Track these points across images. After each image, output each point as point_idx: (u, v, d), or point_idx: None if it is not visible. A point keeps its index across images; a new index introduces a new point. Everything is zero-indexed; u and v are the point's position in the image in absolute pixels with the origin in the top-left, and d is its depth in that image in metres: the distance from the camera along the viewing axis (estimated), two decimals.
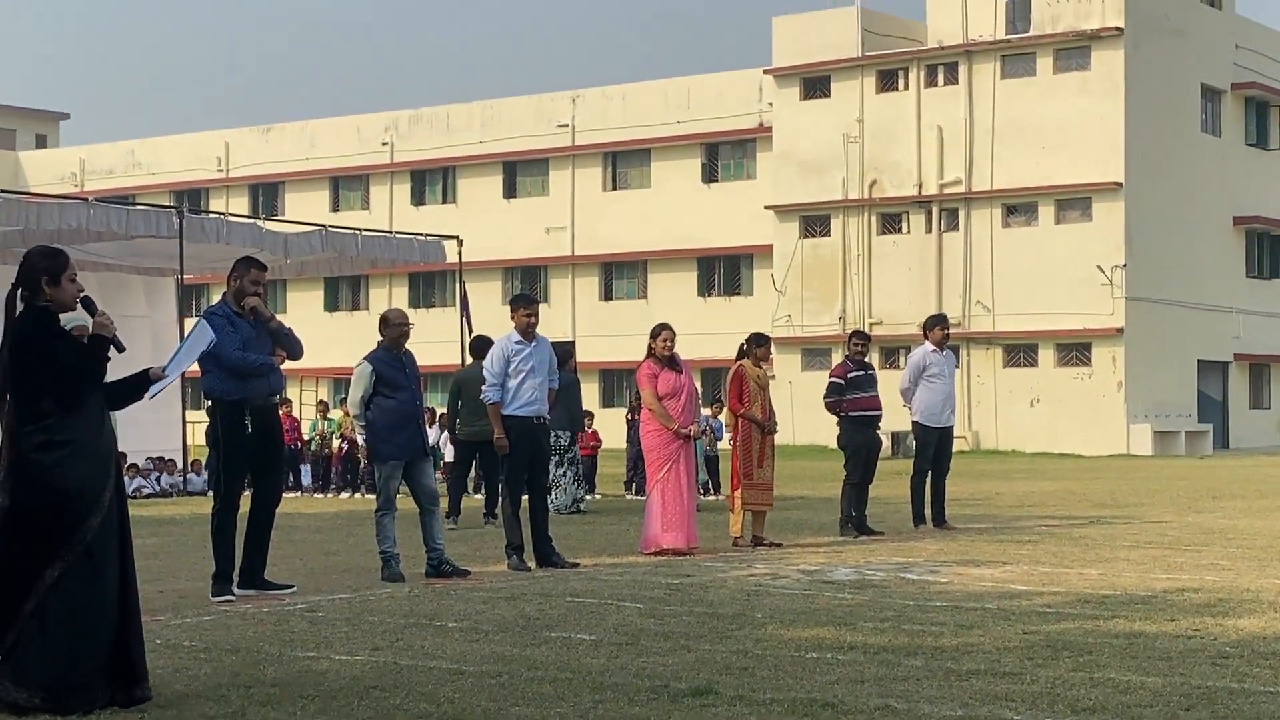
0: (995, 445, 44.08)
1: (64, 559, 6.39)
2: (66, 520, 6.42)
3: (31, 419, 6.47)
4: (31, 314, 6.59)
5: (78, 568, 6.41)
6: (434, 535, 11.57)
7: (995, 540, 14.38)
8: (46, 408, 6.49)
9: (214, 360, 10.39)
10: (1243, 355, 48.14)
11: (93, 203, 22.81)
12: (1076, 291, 43.38)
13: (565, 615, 9.30)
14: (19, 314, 6.61)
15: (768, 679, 7.09)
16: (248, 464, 10.59)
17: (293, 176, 58.28)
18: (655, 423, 13.43)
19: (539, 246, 53.49)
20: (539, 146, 53.61)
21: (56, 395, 6.50)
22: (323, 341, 42.09)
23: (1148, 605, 9.47)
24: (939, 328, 16.08)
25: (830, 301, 47.30)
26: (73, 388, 6.52)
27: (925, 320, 16.48)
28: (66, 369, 6.51)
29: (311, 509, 20.22)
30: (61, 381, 6.50)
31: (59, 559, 6.39)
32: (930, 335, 16.04)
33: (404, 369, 11.67)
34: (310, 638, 8.48)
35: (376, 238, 26.77)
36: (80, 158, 63.68)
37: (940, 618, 9.00)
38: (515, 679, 7.12)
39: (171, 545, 14.75)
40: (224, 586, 10.37)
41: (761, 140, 49.78)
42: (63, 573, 6.38)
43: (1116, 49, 43.37)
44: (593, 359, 45.17)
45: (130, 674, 6.52)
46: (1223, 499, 21.13)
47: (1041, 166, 44.11)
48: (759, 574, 11.54)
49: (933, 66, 46.30)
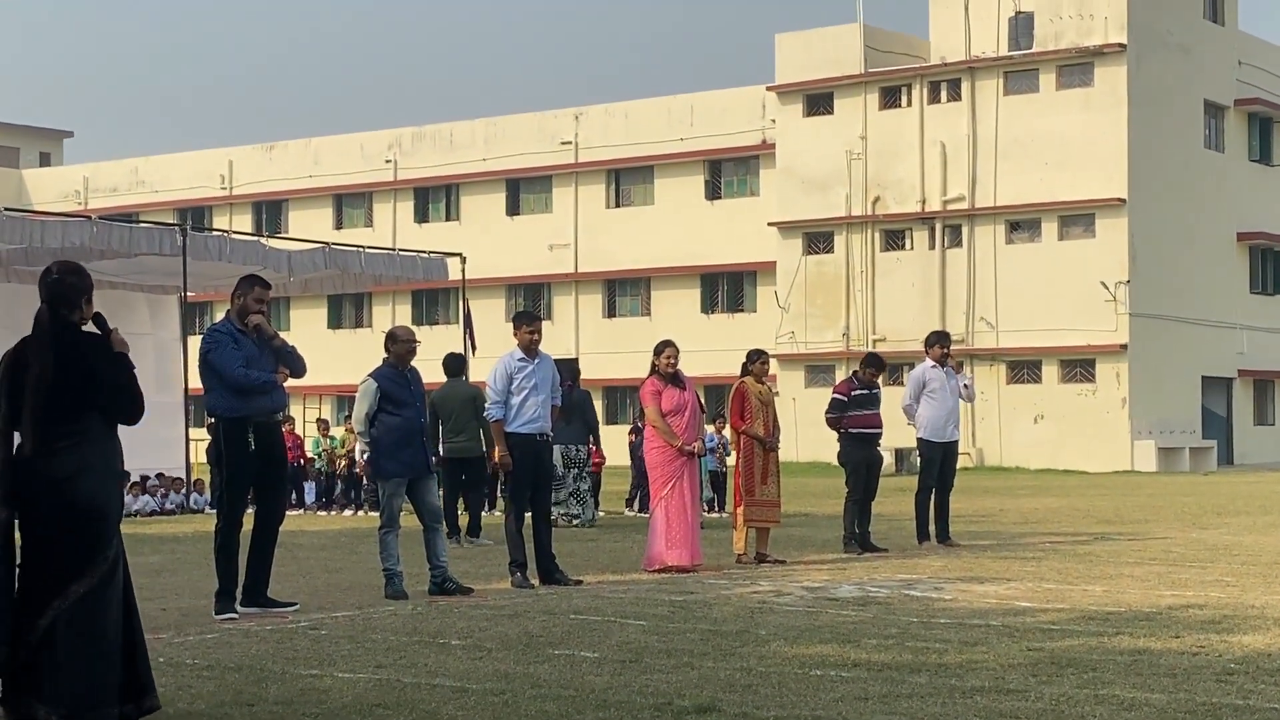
0: (999, 462, 44.05)
1: (90, 576, 6.41)
2: (89, 539, 6.42)
3: (67, 436, 6.44)
4: (78, 332, 6.55)
5: (99, 587, 6.42)
6: (437, 553, 11.56)
7: (999, 557, 14.36)
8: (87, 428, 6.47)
9: (217, 378, 10.41)
10: (1247, 371, 48.11)
11: (96, 220, 22.84)
12: (1080, 308, 43.37)
13: (568, 633, 9.29)
14: (62, 329, 6.52)
15: (771, 696, 7.07)
16: (250, 481, 10.59)
17: (296, 194, 58.36)
18: (659, 440, 13.42)
19: (542, 264, 53.52)
20: (542, 164, 53.68)
21: (122, 414, 6.54)
22: (326, 359, 42.11)
23: (1152, 622, 9.45)
24: (938, 345, 16.13)
25: (834, 318, 47.30)
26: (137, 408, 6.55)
27: (927, 337, 16.55)
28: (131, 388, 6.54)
29: (315, 526, 20.20)
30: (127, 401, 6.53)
31: (85, 577, 6.41)
32: (930, 352, 16.09)
33: (409, 386, 11.68)
34: (313, 655, 8.47)
35: (380, 255, 26.80)
36: (84, 175, 63.80)
37: (944, 635, 8.98)
38: (518, 697, 7.10)
39: (174, 563, 14.74)
40: (227, 604, 10.36)
41: (765, 157, 49.83)
42: (86, 591, 6.39)
43: (1119, 65, 43.42)
44: (596, 376, 45.16)
45: (138, 684, 6.55)
46: (1227, 515, 21.09)
47: (1045, 183, 44.13)
48: (763, 591, 11.52)
49: (936, 83, 46.36)
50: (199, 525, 19.30)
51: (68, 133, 77.91)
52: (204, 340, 10.61)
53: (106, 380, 6.49)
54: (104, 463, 6.51)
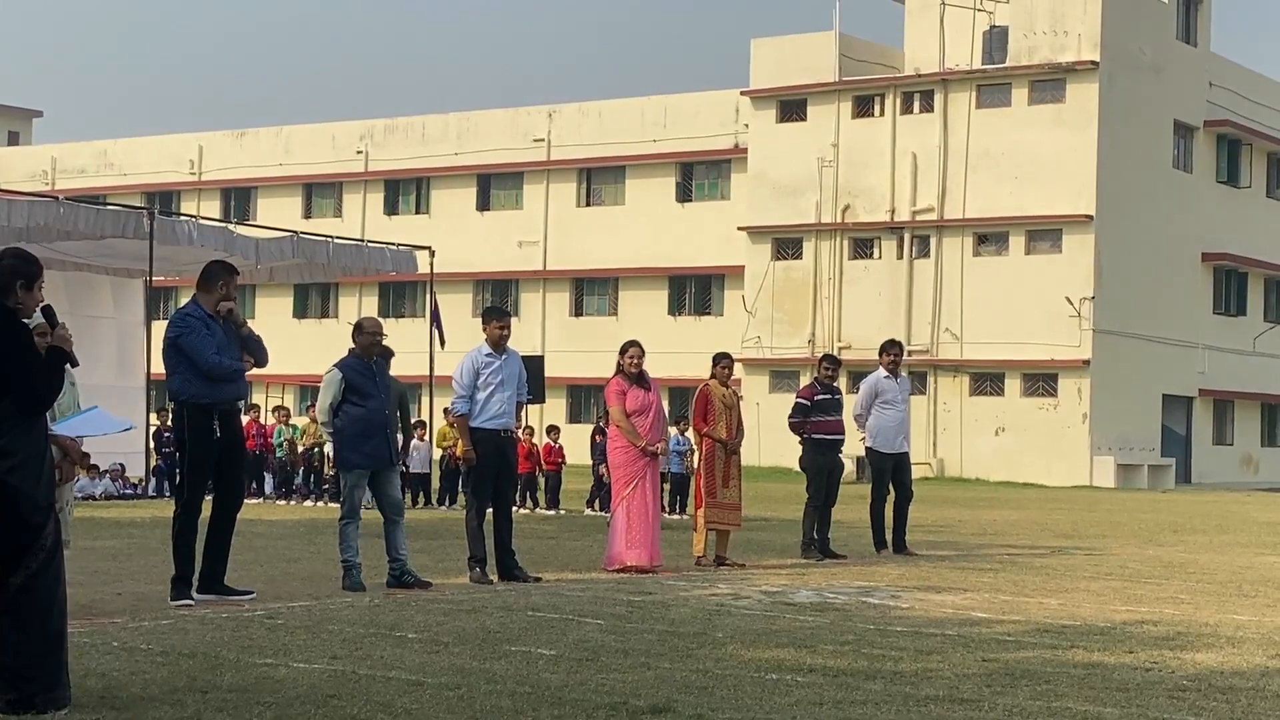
0: (959, 473, 44.21)
1: (28, 567, 6.36)
2: (22, 531, 6.36)
3: None
4: (4, 317, 6.47)
5: (40, 575, 6.39)
6: (397, 545, 11.54)
7: (957, 567, 14.41)
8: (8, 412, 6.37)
9: (187, 362, 10.33)
10: (1207, 391, 48.43)
11: (63, 201, 22.70)
12: (1044, 322, 43.58)
13: (526, 629, 9.28)
14: None
15: (727, 699, 7.09)
16: (211, 469, 10.54)
17: (266, 182, 58.11)
18: (622, 439, 13.42)
19: (511, 260, 53.45)
20: (514, 160, 53.60)
21: (19, 404, 6.39)
22: (291, 348, 41.90)
23: (1106, 636, 9.50)
24: (886, 353, 16.11)
25: (800, 324, 47.39)
26: (35, 399, 6.42)
27: (880, 345, 16.51)
28: (31, 378, 6.40)
29: (273, 516, 20.13)
30: (20, 390, 6.38)
31: (22, 568, 6.36)
32: (881, 360, 16.10)
33: (374, 378, 11.65)
34: (269, 645, 8.44)
35: (348, 246, 26.72)
36: (52, 156, 63.37)
37: (900, 642, 9.01)
38: (474, 692, 7.09)
39: (131, 548, 14.67)
40: (183, 591, 10.31)
41: (737, 161, 49.89)
42: (25, 580, 6.35)
43: (1091, 83, 43.65)
44: (561, 374, 45.14)
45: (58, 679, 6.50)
46: (1183, 533, 21.22)
47: (1014, 197, 44.33)
48: (721, 594, 11.54)
49: (909, 94, 46.51)
50: (156, 511, 19.19)
51: (37, 112, 77.49)
52: (173, 324, 10.46)
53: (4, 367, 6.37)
54: (27, 448, 6.41)
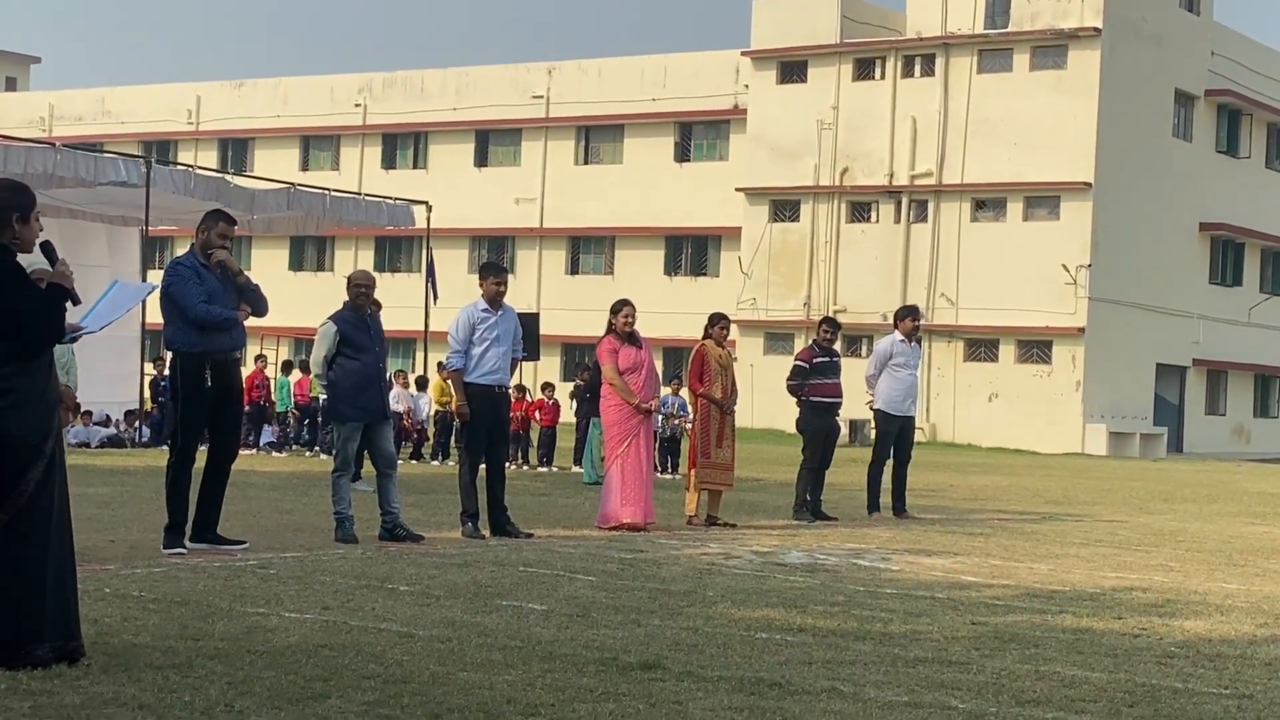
0: (952, 438, 44.29)
1: (6, 511, 6.13)
2: (7, 472, 6.13)
3: None
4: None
5: (22, 520, 6.14)
6: (390, 499, 11.56)
7: (947, 531, 14.45)
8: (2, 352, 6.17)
9: (178, 311, 10.34)
10: (1201, 361, 48.49)
11: (60, 148, 22.62)
12: (1040, 289, 43.58)
13: (517, 584, 9.31)
14: None
15: (716, 656, 7.11)
16: (205, 418, 10.53)
17: (263, 133, 57.92)
18: (616, 398, 13.43)
19: (508, 216, 53.35)
20: (512, 116, 53.44)
21: (18, 344, 6.17)
22: (286, 300, 41.78)
23: (1095, 602, 9.53)
24: (910, 319, 16.11)
25: (796, 287, 47.36)
26: (32, 337, 6.19)
27: (897, 310, 16.54)
28: (27, 317, 6.17)
29: (268, 467, 20.14)
30: (19, 329, 6.16)
31: (7, 506, 6.13)
32: (900, 325, 16.06)
33: (368, 330, 11.65)
34: (261, 594, 8.46)
35: (345, 199, 26.68)
36: (50, 103, 63.14)
37: (890, 605, 9.05)
38: (464, 645, 7.12)
39: (124, 495, 14.69)
40: (176, 539, 10.33)
41: (736, 122, 49.75)
42: (4, 525, 6.12)
43: (1093, 49, 43.51)
44: (556, 332, 45.12)
45: (66, 629, 6.26)
46: (1174, 502, 21.28)
47: (1012, 163, 44.25)
48: (712, 553, 11.57)
49: (910, 57, 46.36)
50: (150, 459, 19.21)
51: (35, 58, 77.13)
52: (166, 273, 10.48)
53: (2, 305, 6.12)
54: (22, 388, 6.18)
